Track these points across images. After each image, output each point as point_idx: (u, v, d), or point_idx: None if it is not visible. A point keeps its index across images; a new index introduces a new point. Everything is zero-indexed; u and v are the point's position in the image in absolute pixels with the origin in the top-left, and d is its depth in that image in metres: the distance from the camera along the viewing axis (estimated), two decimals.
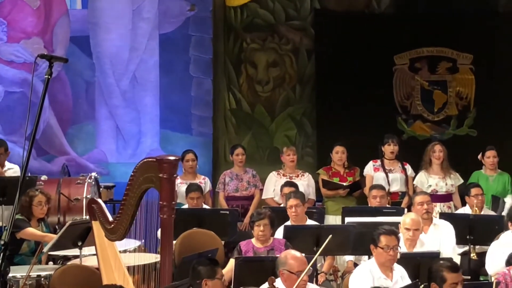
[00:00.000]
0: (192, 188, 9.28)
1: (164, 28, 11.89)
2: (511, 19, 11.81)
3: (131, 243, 7.56)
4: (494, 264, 7.48)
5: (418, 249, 7.64)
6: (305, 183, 10.02)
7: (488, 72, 11.85)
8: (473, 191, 9.07)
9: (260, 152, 12.16)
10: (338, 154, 9.99)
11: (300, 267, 6.18)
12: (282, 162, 10.23)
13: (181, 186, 9.85)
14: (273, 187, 9.99)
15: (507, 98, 11.73)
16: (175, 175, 5.82)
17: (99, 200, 6.50)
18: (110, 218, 6.21)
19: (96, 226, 6.45)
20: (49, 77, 4.82)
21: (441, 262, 6.01)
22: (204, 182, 10.08)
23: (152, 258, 7.05)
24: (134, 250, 7.51)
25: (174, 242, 7.92)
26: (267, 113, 12.28)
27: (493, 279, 7.07)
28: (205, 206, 9.64)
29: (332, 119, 11.79)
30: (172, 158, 5.82)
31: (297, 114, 12.29)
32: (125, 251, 7.44)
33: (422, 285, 6.41)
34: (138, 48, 11.76)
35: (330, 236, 6.47)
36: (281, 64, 12.32)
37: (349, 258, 8.51)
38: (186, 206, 9.27)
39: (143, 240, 7.55)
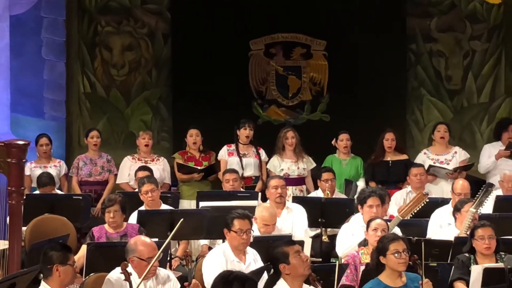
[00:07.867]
0: (43, 181, 9.18)
1: (15, 9, 11.56)
2: (363, 7, 12.04)
3: None
4: (343, 246, 7.68)
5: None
6: (161, 167, 10.05)
7: (341, 58, 12.06)
8: (324, 175, 9.27)
9: (115, 137, 12.03)
10: (192, 137, 10.03)
11: (150, 253, 6.15)
12: (137, 146, 10.20)
13: (35, 170, 9.80)
14: (128, 171, 9.97)
15: (359, 84, 11.98)
16: (24, 160, 5.74)
17: None
18: None
19: None
20: None
21: (276, 244, 6.07)
22: (59, 166, 10.12)
23: (0, 245, 6.89)
24: None
25: (25, 228, 7.79)
26: (123, 97, 12.15)
27: (343, 260, 7.24)
28: (59, 191, 9.55)
29: (188, 103, 11.76)
30: (21, 142, 5.77)
31: (153, 99, 12.21)
32: None
33: None
34: None
35: (182, 220, 6.49)
36: (136, 48, 12.19)
37: (204, 242, 8.56)
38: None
39: None
